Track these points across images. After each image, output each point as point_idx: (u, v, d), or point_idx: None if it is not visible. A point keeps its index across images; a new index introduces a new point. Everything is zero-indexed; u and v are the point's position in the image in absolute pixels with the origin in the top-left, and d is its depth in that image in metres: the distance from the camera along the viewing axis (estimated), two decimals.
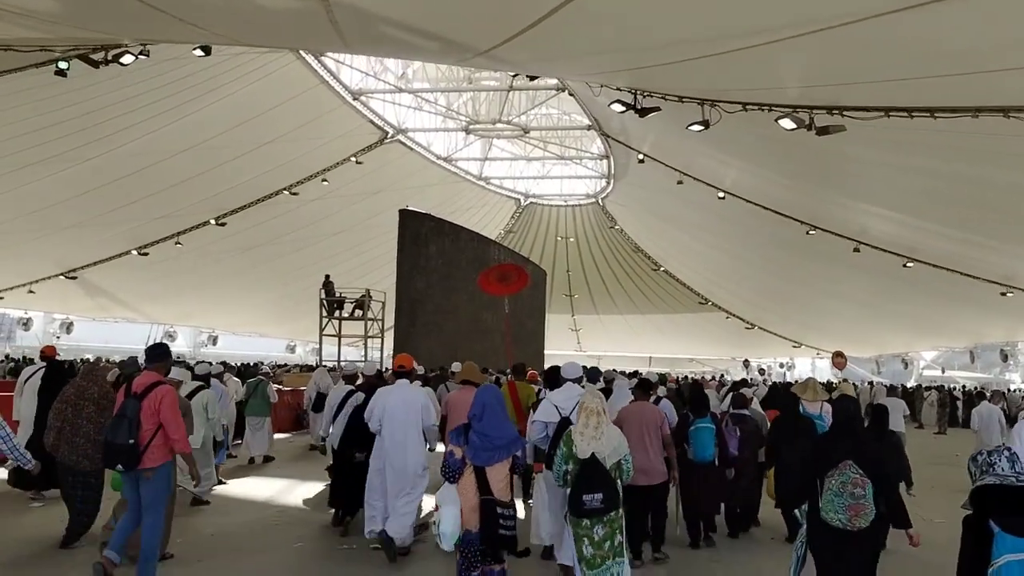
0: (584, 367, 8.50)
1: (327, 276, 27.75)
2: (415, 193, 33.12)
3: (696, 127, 12.82)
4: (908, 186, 19.65)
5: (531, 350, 33.71)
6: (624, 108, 13.57)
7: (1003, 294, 26.72)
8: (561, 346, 51.56)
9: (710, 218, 32.18)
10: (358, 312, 27.47)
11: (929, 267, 26.53)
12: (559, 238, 44.87)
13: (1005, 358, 37.49)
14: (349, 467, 8.40)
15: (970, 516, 3.28)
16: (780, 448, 8.06)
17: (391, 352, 25.75)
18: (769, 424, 9.24)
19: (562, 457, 5.46)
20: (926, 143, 14.54)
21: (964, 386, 34.55)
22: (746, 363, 50.02)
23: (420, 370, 12.65)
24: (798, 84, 10.63)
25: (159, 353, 6.67)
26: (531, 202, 43.88)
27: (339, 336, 27.17)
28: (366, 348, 27.33)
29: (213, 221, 31.57)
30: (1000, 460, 3.31)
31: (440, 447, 7.26)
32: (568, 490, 5.43)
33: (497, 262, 28.83)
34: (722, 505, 8.94)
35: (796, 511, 5.87)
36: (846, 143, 17.12)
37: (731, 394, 10.98)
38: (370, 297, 27.71)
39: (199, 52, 16.62)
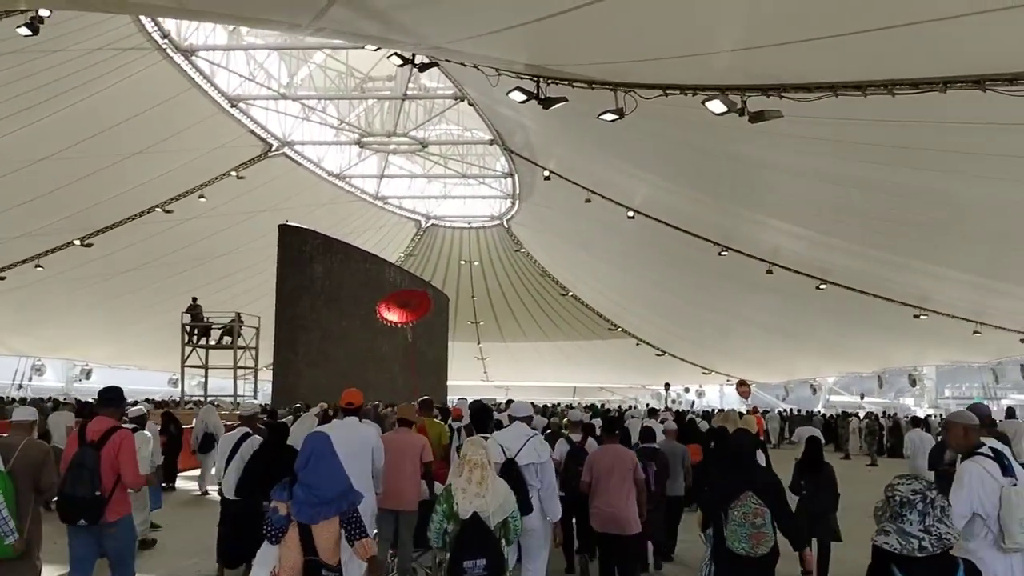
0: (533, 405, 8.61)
1: (194, 299, 24.93)
2: (305, 212, 30.52)
3: (609, 116, 11.03)
4: (821, 198, 18.55)
5: (433, 380, 31.61)
6: (525, 97, 11.69)
7: (916, 316, 26.02)
8: (466, 376, 49.49)
9: (620, 239, 30.79)
10: (227, 340, 24.62)
11: (841, 289, 25.67)
12: (462, 262, 42.87)
13: (913, 383, 37.17)
14: (244, 517, 7.30)
15: (871, 564, 3.15)
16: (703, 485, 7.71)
17: (271, 386, 23.17)
18: (688, 457, 9.38)
19: (442, 515, 4.98)
20: (849, 141, 13.33)
21: (885, 412, 33.67)
22: (667, 386, 48.92)
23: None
24: (733, 46, 8.96)
25: (112, 397, 6.41)
26: (432, 224, 41.77)
27: (206, 367, 24.36)
28: (235, 380, 24.47)
29: (78, 241, 28.30)
30: (911, 513, 3.02)
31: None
32: (447, 555, 4.99)
33: (393, 284, 26.68)
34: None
35: (701, 535, 5.71)
36: (761, 149, 15.96)
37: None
38: (241, 322, 24.93)
39: (24, 31, 14.02)
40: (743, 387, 37.64)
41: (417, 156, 35.34)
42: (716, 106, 9.60)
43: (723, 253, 25.52)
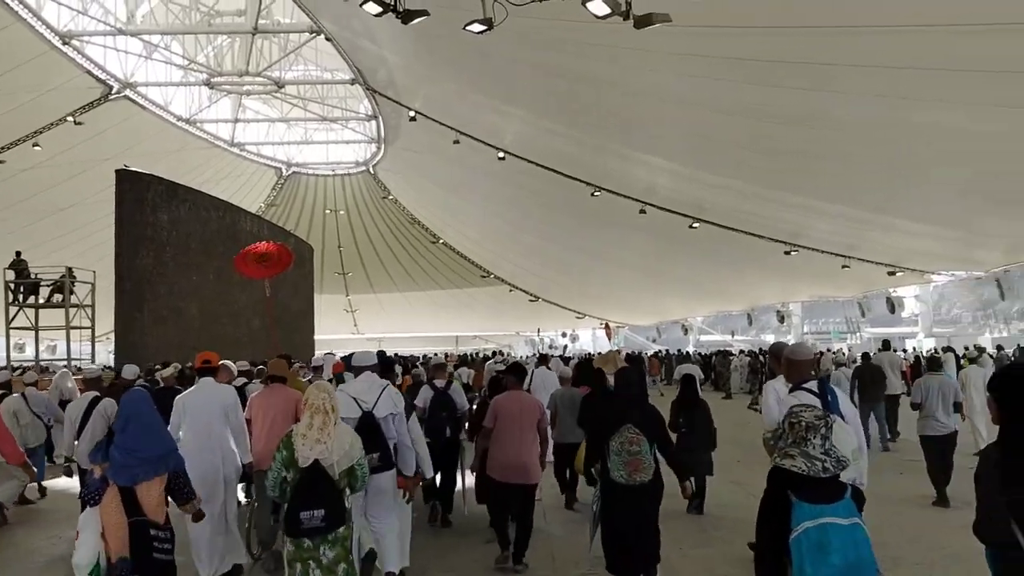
0: (383, 353, 8.24)
1: (17, 253, 22.25)
2: (152, 160, 27.80)
3: (476, 27, 9.79)
4: (694, 129, 18.00)
5: (300, 336, 29.90)
6: (381, 9, 10.27)
7: (787, 253, 26.18)
8: (335, 329, 47.75)
9: (490, 182, 29.72)
10: (57, 297, 22.12)
11: (714, 227, 25.51)
12: (328, 211, 40.76)
13: (781, 319, 38.02)
14: None
15: (768, 489, 3.21)
16: (588, 423, 7.67)
17: (113, 347, 21.03)
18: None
19: (280, 463, 4.76)
20: (725, 57, 12.72)
21: (761, 349, 34.11)
22: (539, 332, 48.60)
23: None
24: None
25: None
26: (294, 172, 39.41)
27: (36, 329, 21.88)
28: (68, 342, 22.06)
29: None
30: (815, 438, 3.08)
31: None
32: (285, 505, 4.74)
33: (251, 234, 24.70)
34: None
35: (592, 471, 5.79)
36: (636, 73, 15.19)
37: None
38: (73, 278, 22.46)
39: None
40: (607, 329, 37.74)
41: (274, 99, 33.00)
42: (598, 7, 8.52)
43: (596, 194, 24.88)
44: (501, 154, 24.57)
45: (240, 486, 7.31)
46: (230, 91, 30.49)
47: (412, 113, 25.34)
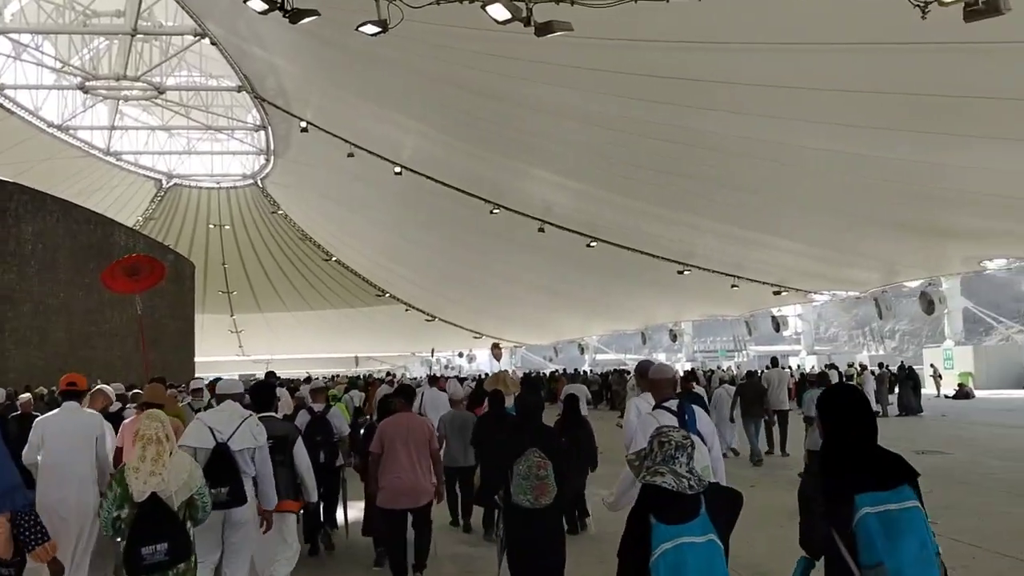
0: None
1: None
2: (19, 169, 25.87)
3: (370, 28, 9.15)
4: (592, 146, 17.80)
5: (178, 357, 28.24)
6: (266, 7, 9.51)
7: (680, 272, 26.40)
8: (219, 351, 45.77)
9: (386, 198, 28.97)
10: None
11: (611, 246, 25.49)
12: (211, 225, 39.01)
13: (674, 338, 38.47)
14: None
15: (634, 508, 3.20)
16: (484, 445, 7.82)
17: None
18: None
19: (112, 501, 4.44)
20: (626, 73, 12.52)
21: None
22: (432, 352, 47.55)
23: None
24: None
25: None
26: (175, 183, 37.55)
27: None
28: None
29: None
30: (682, 456, 3.16)
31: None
32: (123, 543, 4.39)
33: (126, 249, 23.13)
34: None
35: (496, 498, 5.61)
36: (536, 86, 14.87)
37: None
38: None
39: None
40: (496, 349, 37.34)
41: (155, 105, 31.38)
42: (498, 11, 8.05)
43: (495, 211, 24.46)
44: (398, 169, 23.85)
45: None
46: (107, 96, 28.74)
47: (303, 124, 24.35)
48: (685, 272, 26.38)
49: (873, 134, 12.44)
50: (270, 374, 15.64)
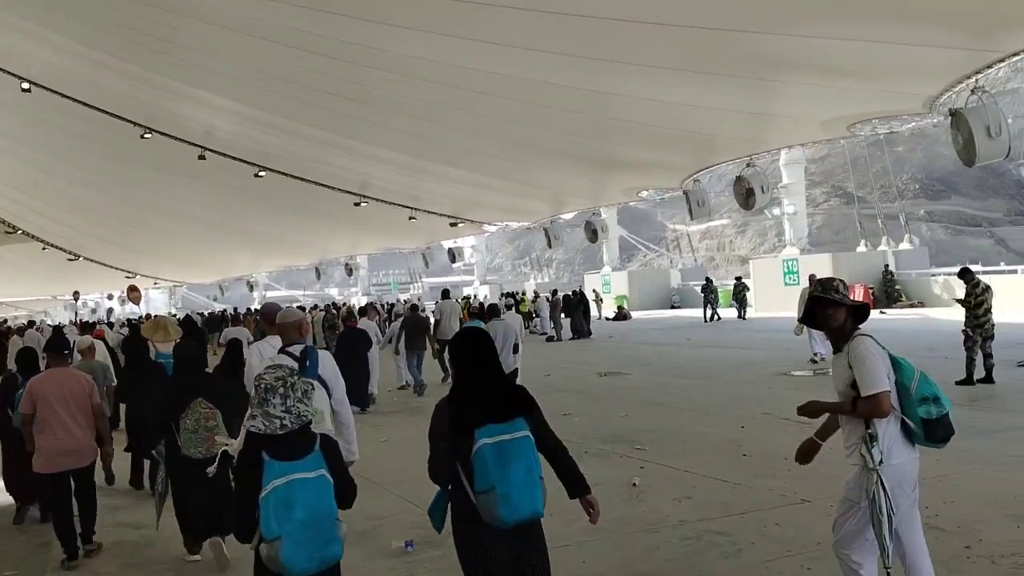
0: None
1: None
2: None
3: None
4: (256, 60, 16.20)
5: None
6: None
7: (357, 204, 25.81)
8: None
9: (13, 119, 24.79)
10: None
11: (282, 177, 24.18)
12: None
13: (350, 272, 37.92)
14: None
15: (243, 450, 3.40)
16: (130, 400, 7.81)
17: None
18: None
19: None
20: None
21: (334, 303, 33.39)
22: (76, 295, 42.49)
23: None
24: None
25: None
26: None
27: None
28: None
29: None
30: (274, 397, 3.26)
31: None
32: None
33: None
34: None
35: (155, 452, 5.78)
36: None
37: None
38: None
39: None
40: (133, 292, 34.51)
41: None
42: None
43: (147, 136, 21.90)
44: (26, 84, 20.38)
45: None
46: None
47: None
48: (362, 204, 25.81)
49: (546, 59, 12.25)
50: None
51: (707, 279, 30.38)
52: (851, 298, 3.77)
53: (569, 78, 13.18)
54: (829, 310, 3.68)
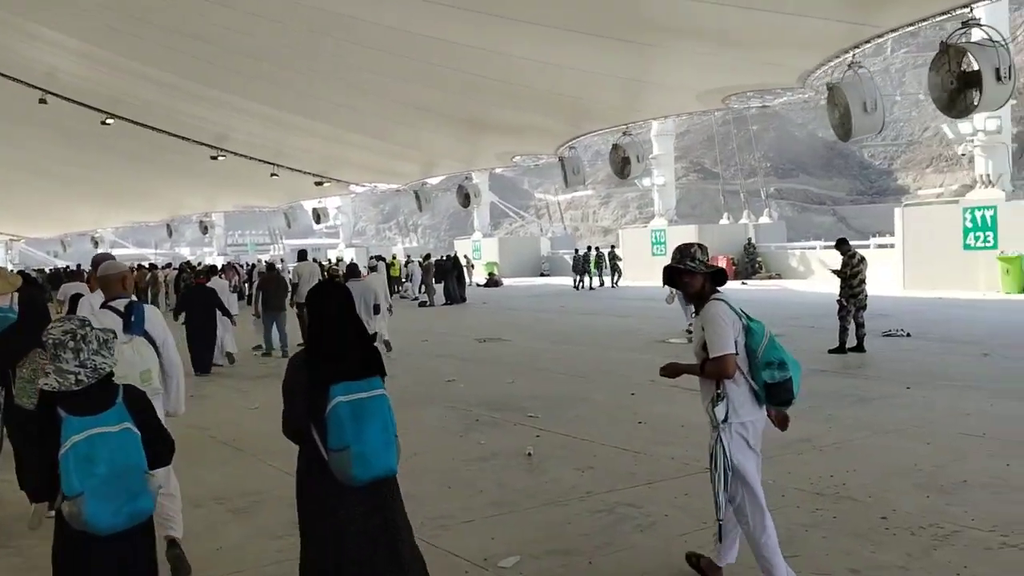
0: None
1: None
2: None
3: None
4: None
5: None
6: None
7: (214, 158, 24.35)
8: None
9: None
10: None
11: (132, 125, 22.45)
12: None
13: (205, 230, 36.00)
14: None
15: (39, 404, 3.28)
16: None
17: None
18: None
19: None
20: None
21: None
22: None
23: None
24: None
25: None
26: None
27: None
28: None
29: None
30: (65, 353, 3.13)
31: None
32: None
33: None
34: None
35: None
36: None
37: None
38: None
39: None
40: None
41: None
42: None
43: None
44: None
45: None
46: None
47: None
48: (219, 158, 24.36)
49: (423, 9, 11.36)
50: None
51: (589, 247, 30.67)
52: (708, 263, 3.91)
53: (448, 31, 12.55)
54: (686, 277, 3.84)
